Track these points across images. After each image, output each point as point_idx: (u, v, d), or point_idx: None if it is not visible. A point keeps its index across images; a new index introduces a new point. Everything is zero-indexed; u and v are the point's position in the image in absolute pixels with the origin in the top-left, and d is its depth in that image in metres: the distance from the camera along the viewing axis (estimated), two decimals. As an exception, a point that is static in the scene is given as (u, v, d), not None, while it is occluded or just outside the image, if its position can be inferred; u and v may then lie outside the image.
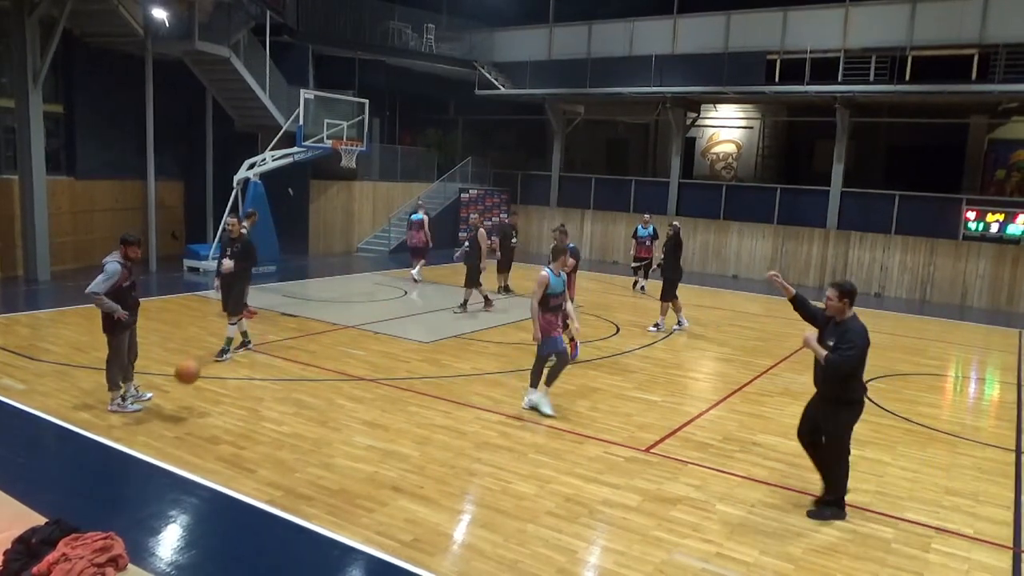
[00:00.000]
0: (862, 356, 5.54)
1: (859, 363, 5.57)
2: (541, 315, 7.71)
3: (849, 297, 5.64)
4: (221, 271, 9.67)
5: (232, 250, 9.59)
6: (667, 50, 20.82)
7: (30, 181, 14.27)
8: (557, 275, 7.80)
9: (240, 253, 9.59)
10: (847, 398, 5.66)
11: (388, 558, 4.92)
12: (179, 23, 16.24)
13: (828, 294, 5.73)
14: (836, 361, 5.47)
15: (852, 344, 5.46)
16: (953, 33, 17.10)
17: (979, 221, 17.73)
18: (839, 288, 5.69)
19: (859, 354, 5.50)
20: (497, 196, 24.66)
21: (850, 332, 5.55)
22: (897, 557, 5.26)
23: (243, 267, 9.65)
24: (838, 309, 5.67)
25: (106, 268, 7.15)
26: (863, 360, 5.59)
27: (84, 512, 5.07)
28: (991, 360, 12.55)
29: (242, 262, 9.61)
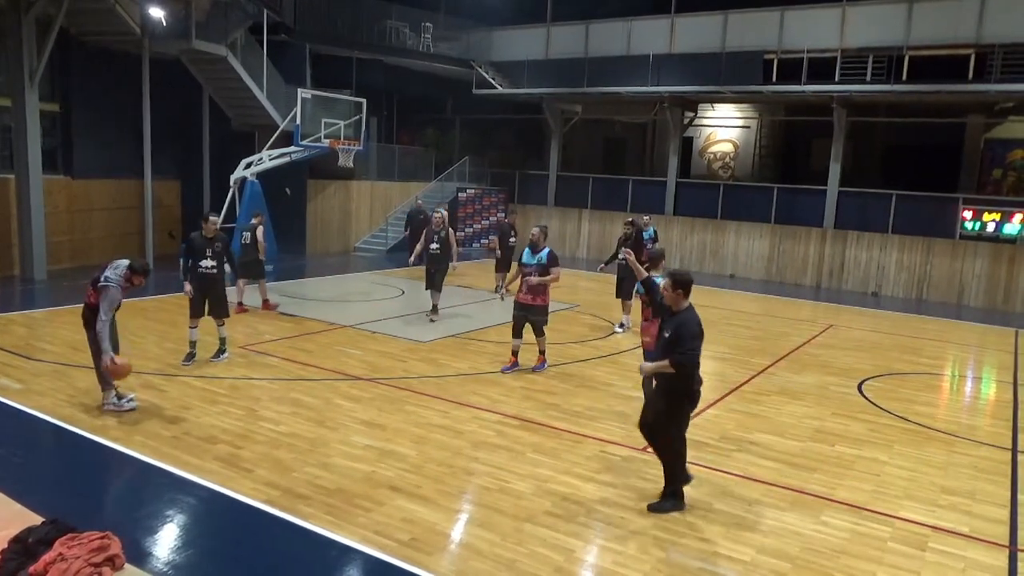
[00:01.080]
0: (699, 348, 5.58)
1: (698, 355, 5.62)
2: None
3: (682, 288, 5.65)
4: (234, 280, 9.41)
5: (213, 250, 9.15)
6: (664, 49, 20.83)
7: (26, 180, 14.25)
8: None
9: (223, 253, 9.25)
10: (690, 390, 5.66)
11: (386, 557, 4.92)
12: (176, 22, 16.22)
13: (663, 284, 5.79)
14: (681, 361, 5.47)
15: (689, 340, 5.48)
16: (950, 33, 17.13)
17: (976, 220, 17.76)
18: (672, 278, 5.71)
19: (698, 346, 5.54)
20: (495, 195, 24.67)
21: (684, 326, 5.55)
22: (894, 556, 5.27)
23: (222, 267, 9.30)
24: (672, 299, 5.69)
25: (108, 294, 7.02)
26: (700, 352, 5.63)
27: (81, 512, 5.06)
28: (987, 359, 12.58)
29: (224, 262, 9.31)
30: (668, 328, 5.67)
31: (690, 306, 5.69)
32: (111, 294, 7.04)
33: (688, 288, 5.69)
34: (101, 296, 7.05)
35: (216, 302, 9.24)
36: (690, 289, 5.70)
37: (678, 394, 5.66)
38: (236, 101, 18.63)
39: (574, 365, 10.08)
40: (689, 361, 5.49)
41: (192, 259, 9.06)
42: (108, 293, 7.03)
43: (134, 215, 17.47)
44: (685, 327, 5.54)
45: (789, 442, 7.51)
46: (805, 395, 9.24)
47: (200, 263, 9.05)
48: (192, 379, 8.57)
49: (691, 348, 5.47)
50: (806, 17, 19.00)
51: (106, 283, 7.08)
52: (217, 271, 9.16)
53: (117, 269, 7.19)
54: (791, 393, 9.30)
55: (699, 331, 5.57)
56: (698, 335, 5.54)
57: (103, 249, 15.47)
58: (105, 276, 7.12)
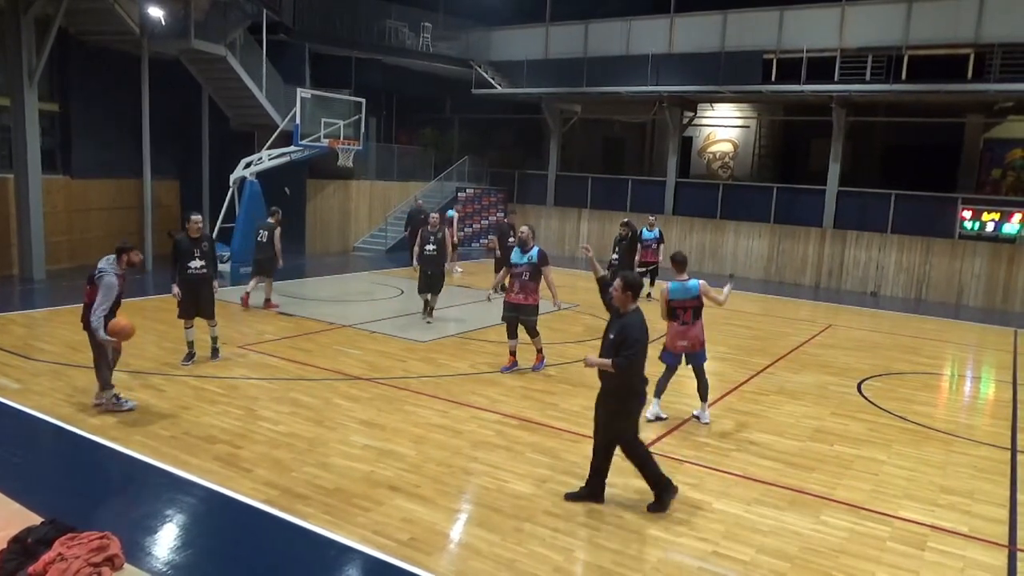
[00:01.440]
0: (644, 350, 5.58)
1: (643, 357, 5.63)
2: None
3: (632, 289, 5.69)
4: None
5: (201, 250, 8.98)
6: (664, 49, 20.83)
7: (25, 180, 14.24)
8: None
9: (210, 253, 9.09)
10: (635, 390, 5.69)
11: (385, 557, 4.92)
12: (175, 22, 16.22)
13: (615, 284, 5.81)
14: (624, 364, 5.49)
15: (633, 343, 5.49)
16: (949, 32, 17.14)
17: (975, 220, 17.77)
18: (623, 279, 5.74)
19: (642, 349, 5.55)
20: (494, 195, 24.67)
21: (627, 328, 5.57)
22: (893, 555, 5.27)
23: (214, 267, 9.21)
24: (621, 300, 5.71)
25: (104, 282, 7.01)
26: (645, 353, 5.64)
27: (80, 511, 5.06)
28: (987, 359, 12.58)
29: (213, 262, 9.18)
30: (613, 329, 5.69)
31: (637, 308, 5.71)
32: (107, 281, 7.03)
33: (637, 291, 5.73)
34: (98, 287, 7.02)
35: (207, 303, 9.15)
36: (639, 292, 5.76)
37: (623, 394, 5.66)
38: (235, 101, 18.62)
39: (573, 365, 10.08)
40: (631, 364, 5.50)
41: (180, 261, 8.93)
42: (104, 282, 7.02)
43: (133, 215, 17.46)
44: (628, 330, 5.55)
45: (788, 442, 7.52)
46: (804, 395, 9.24)
47: (189, 264, 8.93)
48: (191, 379, 8.57)
49: (634, 352, 5.49)
50: (805, 17, 19.01)
51: (100, 273, 7.09)
52: (207, 271, 9.06)
53: (105, 261, 7.20)
54: (790, 393, 9.30)
55: (643, 334, 5.57)
56: (641, 338, 5.55)
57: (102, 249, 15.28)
58: (99, 268, 7.14)
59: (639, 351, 5.54)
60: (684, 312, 7.76)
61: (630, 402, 5.73)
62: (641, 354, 5.58)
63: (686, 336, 7.78)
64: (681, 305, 7.76)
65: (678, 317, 7.78)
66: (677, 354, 7.88)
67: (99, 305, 6.99)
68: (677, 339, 7.80)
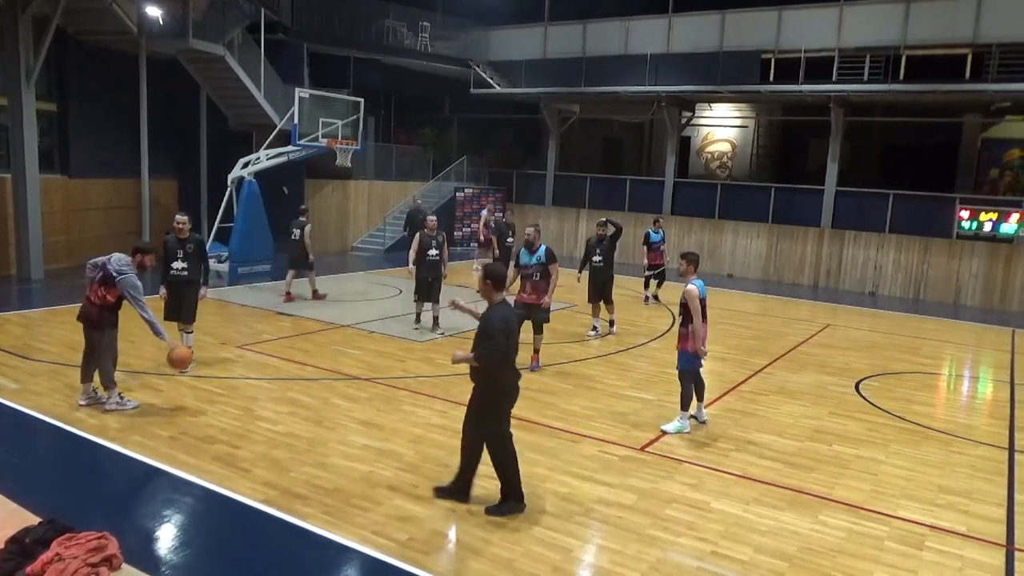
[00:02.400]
0: (506, 342, 5.46)
1: (506, 349, 5.49)
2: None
3: (492, 280, 5.63)
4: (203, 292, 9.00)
5: (185, 251, 8.80)
6: (662, 49, 20.84)
7: (23, 180, 14.22)
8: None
9: (196, 254, 8.88)
10: (503, 386, 5.60)
11: (383, 557, 4.92)
12: (173, 21, 16.21)
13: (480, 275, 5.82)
14: (484, 356, 5.42)
15: (492, 335, 5.40)
16: (947, 33, 17.16)
17: (973, 220, 17.79)
18: (485, 270, 5.72)
19: (503, 340, 5.44)
20: (492, 195, 24.66)
21: (488, 319, 5.50)
22: (891, 555, 5.28)
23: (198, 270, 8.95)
24: (484, 292, 5.67)
25: (129, 283, 7.04)
26: (509, 345, 5.53)
27: (78, 512, 5.05)
28: (984, 359, 12.60)
29: (199, 264, 8.92)
30: (480, 322, 5.64)
31: (504, 301, 5.64)
32: (132, 282, 7.05)
33: (499, 281, 5.66)
34: (123, 290, 7.04)
35: (187, 305, 8.91)
36: (501, 283, 5.68)
37: (489, 390, 5.57)
38: (233, 100, 18.61)
39: (571, 365, 10.08)
40: (490, 355, 5.41)
41: (165, 261, 8.82)
42: (129, 283, 7.03)
43: (131, 215, 17.44)
44: (488, 321, 5.48)
45: (787, 442, 7.52)
46: (803, 395, 9.25)
47: (172, 265, 8.80)
48: (189, 379, 8.56)
49: (494, 343, 5.39)
50: (803, 17, 19.03)
51: (120, 276, 7.05)
52: (189, 273, 8.81)
53: (120, 261, 7.15)
54: (789, 393, 9.31)
55: (503, 326, 5.45)
56: (501, 329, 5.42)
57: (100, 249, 15.23)
58: (116, 269, 7.08)
59: (499, 342, 5.40)
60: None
61: (498, 398, 5.60)
62: (504, 347, 5.44)
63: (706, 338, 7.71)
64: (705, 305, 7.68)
65: (706, 318, 7.67)
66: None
67: (138, 305, 7.02)
68: (704, 342, 7.64)
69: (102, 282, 7.14)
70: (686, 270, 7.69)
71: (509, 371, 5.57)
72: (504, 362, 5.50)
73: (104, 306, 7.17)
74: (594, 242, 11.84)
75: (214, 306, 12.98)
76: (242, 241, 16.33)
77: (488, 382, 5.54)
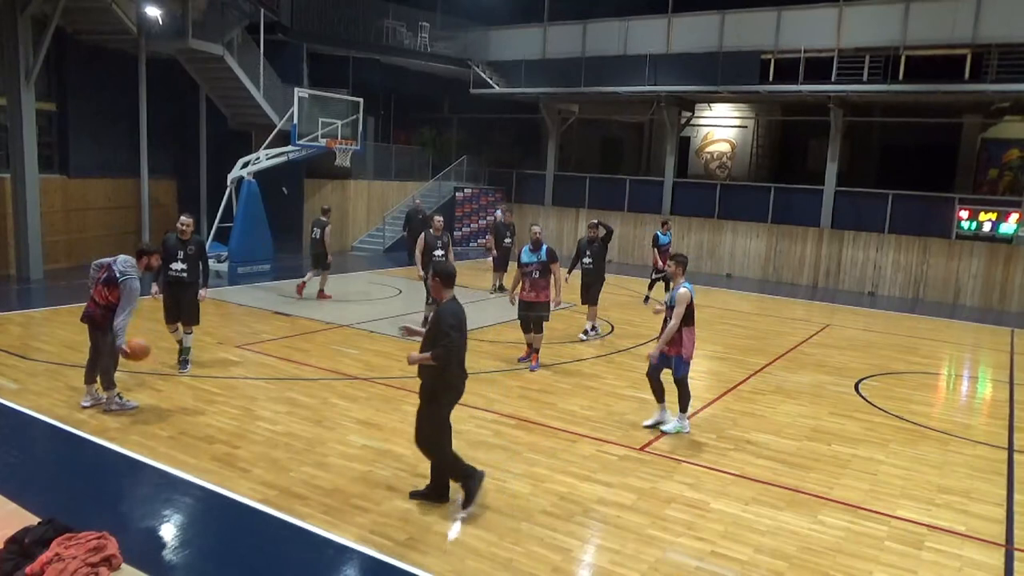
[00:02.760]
0: (460, 338, 5.47)
1: (460, 345, 5.51)
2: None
3: (440, 278, 5.60)
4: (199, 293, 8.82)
5: (186, 252, 8.65)
6: (661, 49, 20.84)
7: (22, 179, 14.21)
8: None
9: (196, 256, 8.71)
10: (450, 384, 5.62)
11: (382, 557, 4.92)
12: (172, 21, 16.20)
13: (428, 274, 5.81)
14: (440, 355, 5.41)
15: (446, 332, 5.41)
16: (946, 33, 17.16)
17: (972, 220, 17.81)
18: (434, 268, 5.73)
19: (457, 337, 5.43)
20: (492, 195, 24.67)
21: (440, 316, 5.51)
22: (890, 555, 5.28)
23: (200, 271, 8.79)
24: (434, 289, 5.70)
25: (130, 287, 6.98)
26: (462, 342, 5.53)
27: (77, 512, 5.06)
28: (983, 358, 12.61)
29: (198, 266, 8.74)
30: (432, 319, 5.66)
31: (453, 298, 5.62)
32: (133, 286, 7.01)
33: (445, 279, 5.60)
34: (122, 291, 6.97)
35: (187, 307, 8.78)
36: (450, 280, 5.63)
37: (438, 388, 5.60)
38: (233, 100, 18.60)
39: (571, 364, 10.09)
40: (447, 353, 5.42)
41: (165, 262, 8.54)
42: (130, 286, 6.99)
43: (131, 214, 17.44)
44: (441, 319, 5.47)
45: (785, 441, 7.53)
46: (801, 394, 9.25)
47: (171, 266, 8.62)
48: (188, 379, 8.56)
49: (450, 340, 5.40)
50: (803, 17, 19.03)
51: (124, 277, 7.01)
52: (188, 275, 8.67)
53: (126, 263, 7.12)
54: (787, 392, 9.31)
55: (455, 322, 5.45)
56: (455, 326, 5.43)
57: (100, 248, 15.40)
58: (120, 270, 7.05)
59: (455, 339, 5.41)
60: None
61: (443, 396, 5.63)
62: (458, 344, 5.45)
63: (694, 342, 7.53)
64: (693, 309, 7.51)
65: (694, 322, 7.49)
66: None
67: (123, 309, 6.98)
68: (694, 346, 7.52)
69: (106, 283, 7.09)
70: (675, 272, 7.57)
71: (458, 368, 5.58)
72: (454, 360, 5.52)
73: (108, 307, 7.12)
74: (584, 243, 11.66)
75: (213, 306, 12.98)
76: (241, 241, 16.34)
77: (438, 378, 5.55)
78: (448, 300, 5.58)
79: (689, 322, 7.36)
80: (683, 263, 7.61)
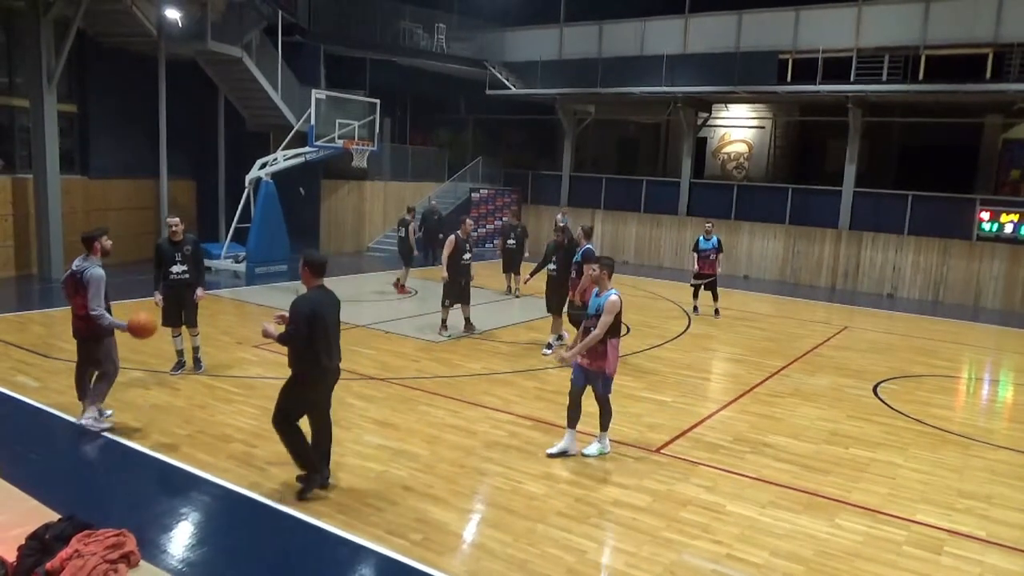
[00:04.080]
0: (307, 328, 5.50)
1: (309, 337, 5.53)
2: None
3: (309, 266, 5.73)
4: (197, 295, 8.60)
5: (183, 253, 8.46)
6: (678, 50, 20.76)
7: (44, 180, 14.40)
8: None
9: (193, 255, 8.55)
10: (299, 372, 5.68)
11: (398, 557, 4.94)
12: (192, 23, 16.35)
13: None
14: (284, 339, 5.55)
15: (293, 318, 5.52)
16: (967, 32, 16.97)
17: (993, 222, 17.58)
18: (303, 257, 5.81)
19: (303, 327, 5.48)
20: (508, 196, 24.67)
21: (294, 306, 5.57)
22: (909, 560, 5.23)
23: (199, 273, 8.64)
24: (303, 278, 5.77)
25: (94, 275, 6.55)
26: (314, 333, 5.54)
27: (97, 509, 5.11)
28: (1004, 362, 12.45)
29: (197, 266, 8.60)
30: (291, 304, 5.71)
31: (320, 287, 5.73)
32: (96, 274, 6.57)
33: (315, 267, 5.72)
34: (88, 284, 6.54)
35: (190, 309, 8.65)
36: (319, 269, 5.73)
37: (293, 376, 5.71)
38: (251, 102, 18.74)
39: (587, 366, 10.05)
40: (289, 339, 5.51)
41: (163, 266, 8.44)
42: (93, 275, 6.56)
43: (150, 215, 17.62)
44: (295, 307, 5.56)
45: (803, 444, 7.47)
46: (819, 397, 9.18)
47: (171, 270, 8.42)
48: (206, 378, 8.62)
49: (296, 328, 5.49)
50: (821, 16, 18.89)
51: (83, 271, 6.58)
52: (191, 276, 8.53)
53: (77, 262, 6.71)
54: (805, 395, 9.24)
55: (308, 312, 5.51)
56: (306, 315, 5.48)
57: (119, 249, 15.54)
58: (78, 268, 6.64)
59: (300, 328, 5.47)
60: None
61: (301, 380, 5.71)
62: (304, 333, 5.49)
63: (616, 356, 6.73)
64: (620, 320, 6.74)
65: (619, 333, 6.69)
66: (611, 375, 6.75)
67: (94, 298, 6.55)
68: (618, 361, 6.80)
69: (76, 291, 6.65)
70: (599, 277, 6.76)
71: (316, 359, 5.63)
72: (308, 349, 5.57)
73: (90, 315, 6.65)
74: (552, 248, 10.79)
75: (231, 306, 13.09)
76: (259, 241, 16.45)
77: (295, 363, 5.66)
78: (314, 289, 5.70)
79: (615, 334, 6.58)
80: (609, 267, 6.83)
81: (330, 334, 5.70)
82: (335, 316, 5.82)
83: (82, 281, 6.58)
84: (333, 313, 5.79)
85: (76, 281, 6.63)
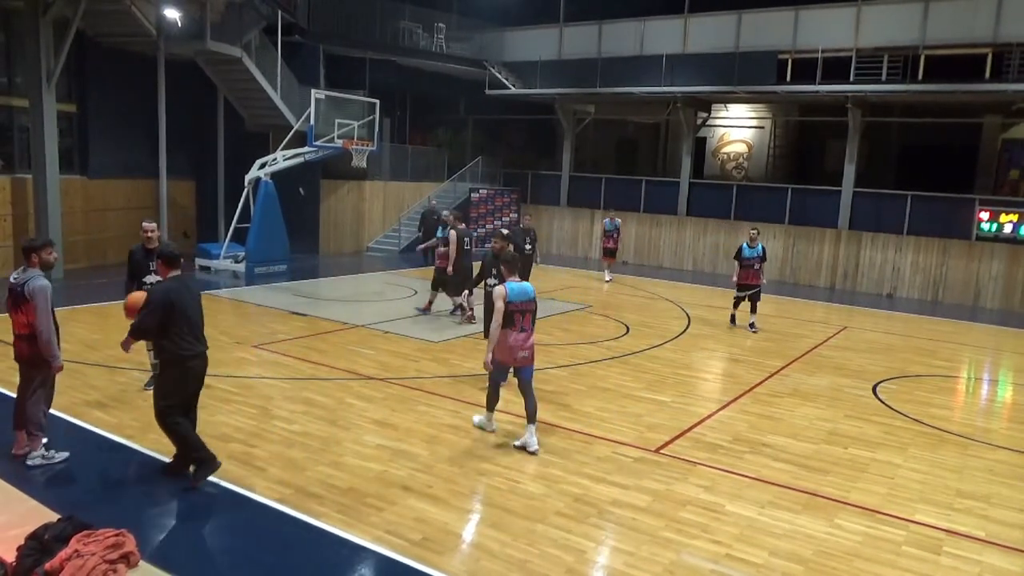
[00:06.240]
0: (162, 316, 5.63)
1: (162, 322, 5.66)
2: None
3: (163, 259, 5.92)
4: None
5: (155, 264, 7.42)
6: (678, 49, 20.77)
7: (43, 180, 14.40)
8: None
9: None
10: (164, 359, 5.79)
11: (397, 557, 4.94)
12: (191, 23, 16.34)
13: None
14: (133, 329, 5.74)
15: (145, 304, 5.73)
16: (966, 32, 16.98)
17: (992, 222, 17.59)
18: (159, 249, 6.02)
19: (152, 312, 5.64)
20: (507, 196, 24.68)
21: (149, 294, 5.79)
22: (908, 560, 5.23)
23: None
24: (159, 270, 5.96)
25: (39, 287, 5.81)
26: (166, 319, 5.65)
27: (96, 509, 5.11)
28: (1004, 362, 12.46)
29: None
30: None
31: (176, 277, 5.89)
32: (42, 285, 5.85)
33: (167, 260, 5.88)
34: (33, 296, 5.78)
35: None
36: (171, 261, 5.88)
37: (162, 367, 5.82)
38: (250, 102, 18.73)
39: (585, 366, 10.07)
40: (139, 324, 5.68)
41: (136, 275, 7.74)
42: (37, 285, 5.83)
43: (149, 215, 17.47)
44: (149, 294, 5.80)
45: (802, 444, 7.47)
46: (819, 397, 9.18)
47: (144, 280, 7.63)
48: (205, 377, 8.59)
49: (144, 314, 5.66)
50: (821, 16, 18.90)
51: (26, 282, 5.85)
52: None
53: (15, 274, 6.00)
54: (805, 395, 9.25)
55: (160, 299, 5.67)
56: (158, 303, 5.65)
57: (118, 249, 15.62)
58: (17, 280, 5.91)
59: (151, 313, 5.62)
60: (523, 317, 6.88)
61: (167, 381, 5.81)
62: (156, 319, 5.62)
63: (525, 346, 6.89)
64: (520, 309, 6.85)
65: (516, 324, 6.81)
66: (508, 367, 6.99)
67: (43, 313, 5.82)
68: (517, 350, 6.84)
69: (16, 306, 5.89)
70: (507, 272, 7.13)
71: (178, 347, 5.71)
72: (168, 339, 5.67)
73: (32, 335, 5.88)
74: (489, 260, 10.06)
75: (230, 306, 13.09)
76: (259, 241, 16.46)
77: (162, 355, 5.78)
78: (169, 278, 5.86)
79: (509, 324, 6.77)
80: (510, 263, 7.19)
81: (192, 321, 5.84)
82: (196, 303, 5.96)
83: (23, 294, 5.81)
84: (192, 300, 5.91)
85: (17, 294, 5.85)
